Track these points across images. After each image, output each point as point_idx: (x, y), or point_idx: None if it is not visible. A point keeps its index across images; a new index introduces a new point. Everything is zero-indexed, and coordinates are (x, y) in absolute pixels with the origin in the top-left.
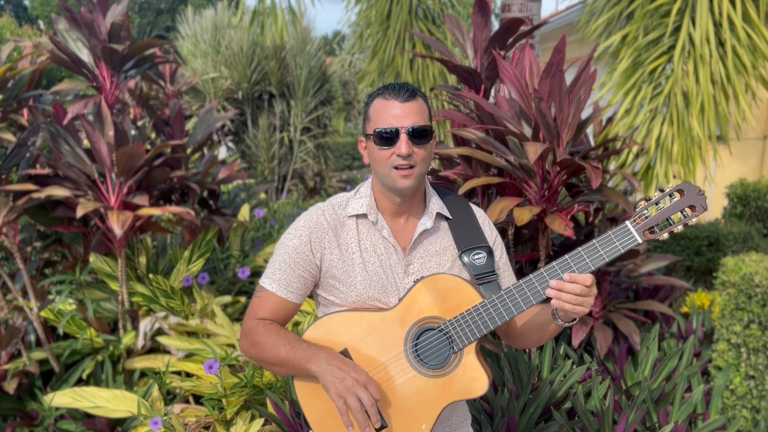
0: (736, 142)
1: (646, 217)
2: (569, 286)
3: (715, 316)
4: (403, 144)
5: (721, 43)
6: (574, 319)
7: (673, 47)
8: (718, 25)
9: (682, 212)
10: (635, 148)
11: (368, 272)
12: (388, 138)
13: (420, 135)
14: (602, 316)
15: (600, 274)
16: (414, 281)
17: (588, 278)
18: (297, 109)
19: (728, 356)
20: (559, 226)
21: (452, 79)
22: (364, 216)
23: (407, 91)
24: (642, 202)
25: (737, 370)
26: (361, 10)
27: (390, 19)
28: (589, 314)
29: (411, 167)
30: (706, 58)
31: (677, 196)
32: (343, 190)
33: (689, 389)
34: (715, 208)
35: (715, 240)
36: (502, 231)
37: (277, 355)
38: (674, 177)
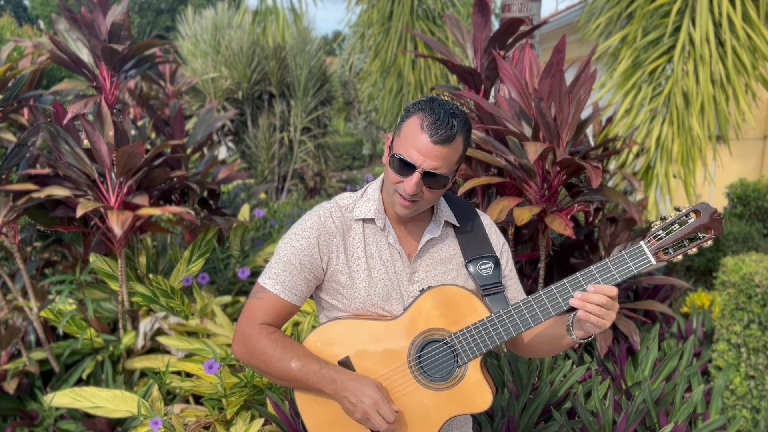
0: (736, 142)
1: (661, 238)
2: (594, 296)
3: (715, 316)
4: (413, 182)
5: (721, 43)
6: (590, 336)
7: (673, 47)
8: (718, 25)
9: (697, 234)
10: (635, 148)
11: (373, 279)
12: (403, 167)
13: (434, 180)
14: None
15: None
16: (420, 291)
17: (613, 289)
18: (297, 109)
19: (728, 356)
20: (559, 226)
21: (454, 79)
22: (371, 221)
23: (447, 132)
24: (658, 222)
25: (737, 370)
26: (362, 10)
27: (392, 19)
28: None
29: (413, 201)
30: (706, 58)
31: (693, 217)
32: (343, 190)
33: (689, 389)
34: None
35: (715, 240)
36: (502, 231)
37: (286, 372)
38: (674, 177)
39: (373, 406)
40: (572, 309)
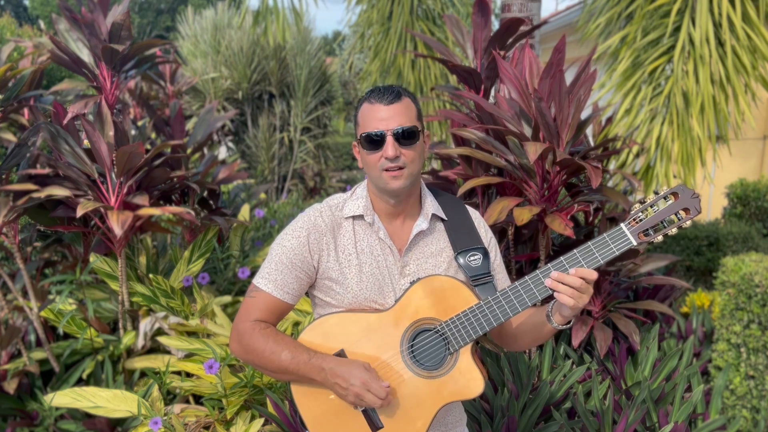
0: (736, 142)
1: (641, 220)
2: (569, 278)
3: (715, 316)
4: (389, 146)
5: (720, 44)
6: (569, 322)
7: (672, 47)
8: (717, 26)
9: (676, 215)
10: (635, 148)
11: (364, 273)
12: (375, 141)
13: (406, 136)
14: (602, 316)
15: (600, 274)
16: (410, 282)
17: (593, 273)
18: (297, 109)
19: (728, 356)
20: (559, 226)
21: (454, 79)
22: (361, 217)
23: (392, 94)
24: (637, 205)
25: (737, 370)
26: (362, 10)
27: (391, 19)
28: (589, 314)
29: (400, 168)
30: (706, 59)
31: (671, 199)
32: (343, 190)
33: (689, 389)
34: (715, 208)
35: (715, 240)
36: (502, 231)
37: (278, 364)
38: (674, 177)
39: (363, 386)
40: None
